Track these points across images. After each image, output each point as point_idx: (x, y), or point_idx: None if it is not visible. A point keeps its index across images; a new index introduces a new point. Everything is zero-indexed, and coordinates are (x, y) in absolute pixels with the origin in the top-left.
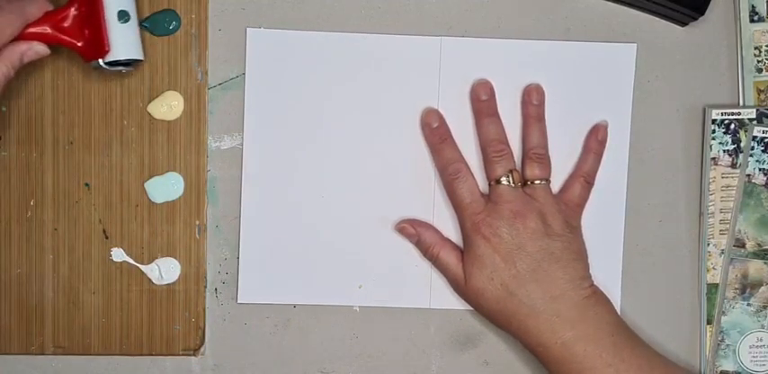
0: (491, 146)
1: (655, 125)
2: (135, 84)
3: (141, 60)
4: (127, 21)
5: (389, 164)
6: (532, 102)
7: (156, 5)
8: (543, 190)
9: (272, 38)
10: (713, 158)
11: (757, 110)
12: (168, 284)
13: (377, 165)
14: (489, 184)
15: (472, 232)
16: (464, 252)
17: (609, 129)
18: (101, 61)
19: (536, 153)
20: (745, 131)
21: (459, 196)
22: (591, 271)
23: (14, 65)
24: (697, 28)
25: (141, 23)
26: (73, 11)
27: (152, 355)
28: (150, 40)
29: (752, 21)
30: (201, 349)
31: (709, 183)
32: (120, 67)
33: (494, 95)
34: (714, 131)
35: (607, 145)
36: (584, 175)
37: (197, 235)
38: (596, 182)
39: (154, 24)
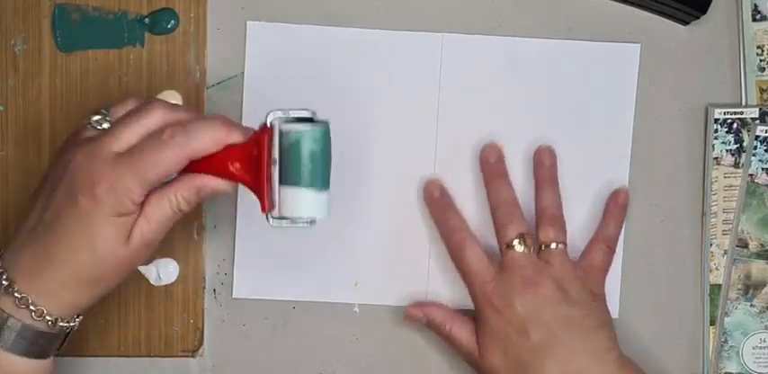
0: (500, 208)
1: (657, 124)
2: (133, 82)
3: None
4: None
5: (388, 160)
6: (545, 163)
7: (155, 4)
8: (560, 254)
9: (272, 31)
10: (716, 158)
11: (760, 109)
12: (166, 285)
13: (375, 162)
14: (501, 250)
15: (483, 304)
16: (476, 325)
17: (609, 129)
18: (269, 217)
19: (550, 214)
20: (748, 131)
21: (467, 266)
22: None
23: (189, 199)
24: (699, 27)
25: (141, 21)
26: (255, 151)
27: (150, 356)
28: (148, 39)
29: (754, 20)
30: (200, 350)
31: (712, 183)
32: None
33: (503, 158)
34: (717, 131)
35: (607, 144)
36: (606, 240)
37: (195, 236)
38: (596, 182)
39: (152, 23)
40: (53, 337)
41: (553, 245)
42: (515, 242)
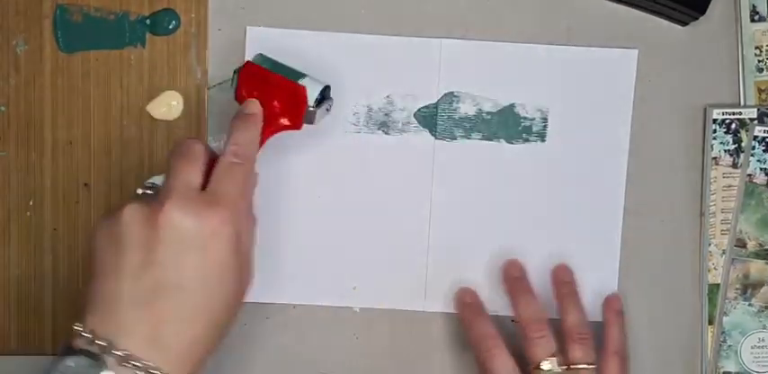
0: (530, 326)
1: (655, 125)
2: (134, 83)
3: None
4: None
5: (387, 163)
6: (564, 280)
7: (156, 5)
8: None
9: (272, 37)
10: (714, 158)
11: (758, 109)
12: None
13: (373, 164)
14: (530, 367)
15: None
16: None
17: (606, 133)
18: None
19: (578, 332)
20: (747, 131)
21: None
22: (588, 271)
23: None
24: (698, 27)
25: (142, 22)
26: (276, 104)
27: None
28: (150, 40)
29: (752, 20)
30: None
31: (710, 183)
32: (325, 105)
33: (525, 273)
34: (715, 131)
35: (607, 143)
36: (617, 352)
37: None
38: (595, 183)
39: (153, 23)
40: None
41: (582, 366)
42: (544, 363)
